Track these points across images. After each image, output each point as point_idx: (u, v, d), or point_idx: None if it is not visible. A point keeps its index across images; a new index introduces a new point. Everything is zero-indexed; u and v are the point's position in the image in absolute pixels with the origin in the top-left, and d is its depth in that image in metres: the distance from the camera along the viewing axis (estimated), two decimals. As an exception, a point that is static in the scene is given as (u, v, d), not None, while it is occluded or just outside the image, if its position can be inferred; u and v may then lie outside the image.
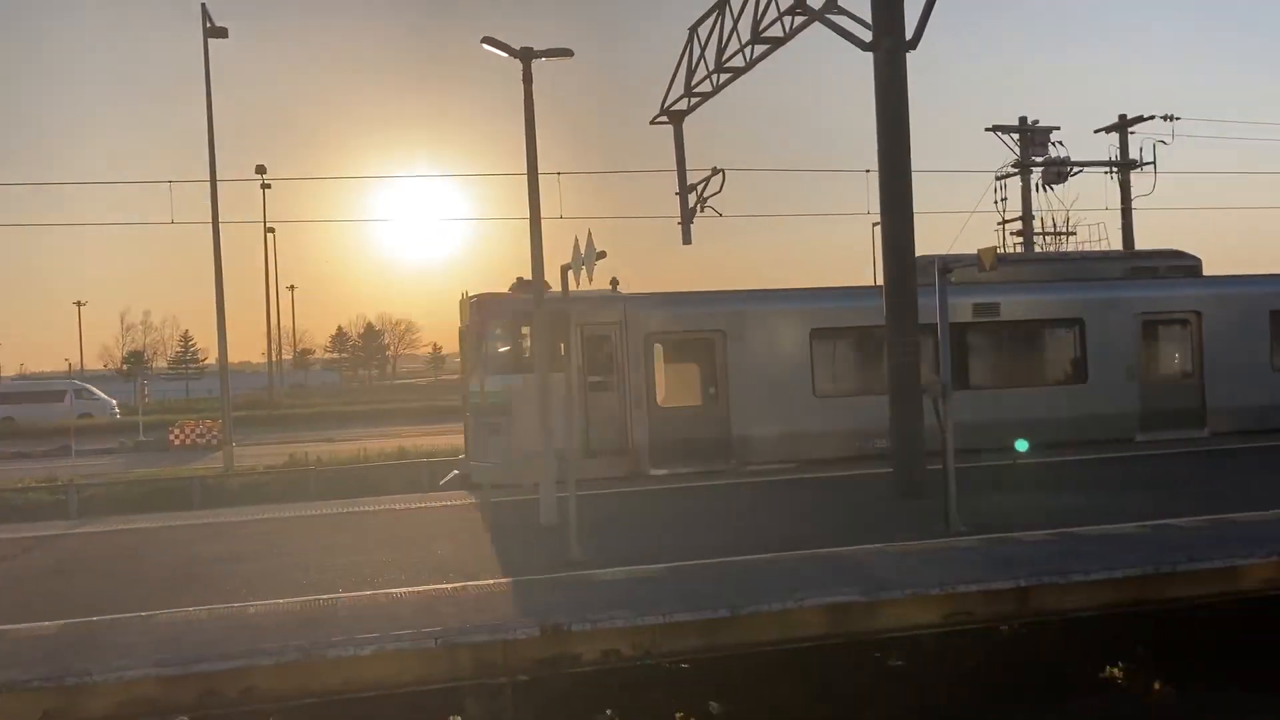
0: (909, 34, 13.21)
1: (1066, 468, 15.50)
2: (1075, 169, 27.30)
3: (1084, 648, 9.94)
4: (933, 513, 11.09)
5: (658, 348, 17.26)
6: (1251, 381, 19.05)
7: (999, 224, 28.08)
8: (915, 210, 13.34)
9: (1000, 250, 23.55)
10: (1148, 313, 19.03)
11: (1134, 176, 27.44)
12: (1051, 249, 28.62)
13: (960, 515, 10.82)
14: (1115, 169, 27.56)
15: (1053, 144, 27.35)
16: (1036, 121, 27.40)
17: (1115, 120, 27.77)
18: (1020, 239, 28.13)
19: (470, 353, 17.56)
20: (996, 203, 27.98)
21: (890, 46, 13.13)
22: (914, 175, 13.41)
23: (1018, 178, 27.82)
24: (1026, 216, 27.97)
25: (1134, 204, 27.51)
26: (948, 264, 11.80)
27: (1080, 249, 27.86)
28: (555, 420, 12.69)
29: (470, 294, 17.42)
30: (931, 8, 13.08)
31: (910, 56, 13.24)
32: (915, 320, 13.31)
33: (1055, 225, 28.55)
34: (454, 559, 10.50)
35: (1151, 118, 27.20)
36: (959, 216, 27.54)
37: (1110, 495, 12.69)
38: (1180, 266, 20.28)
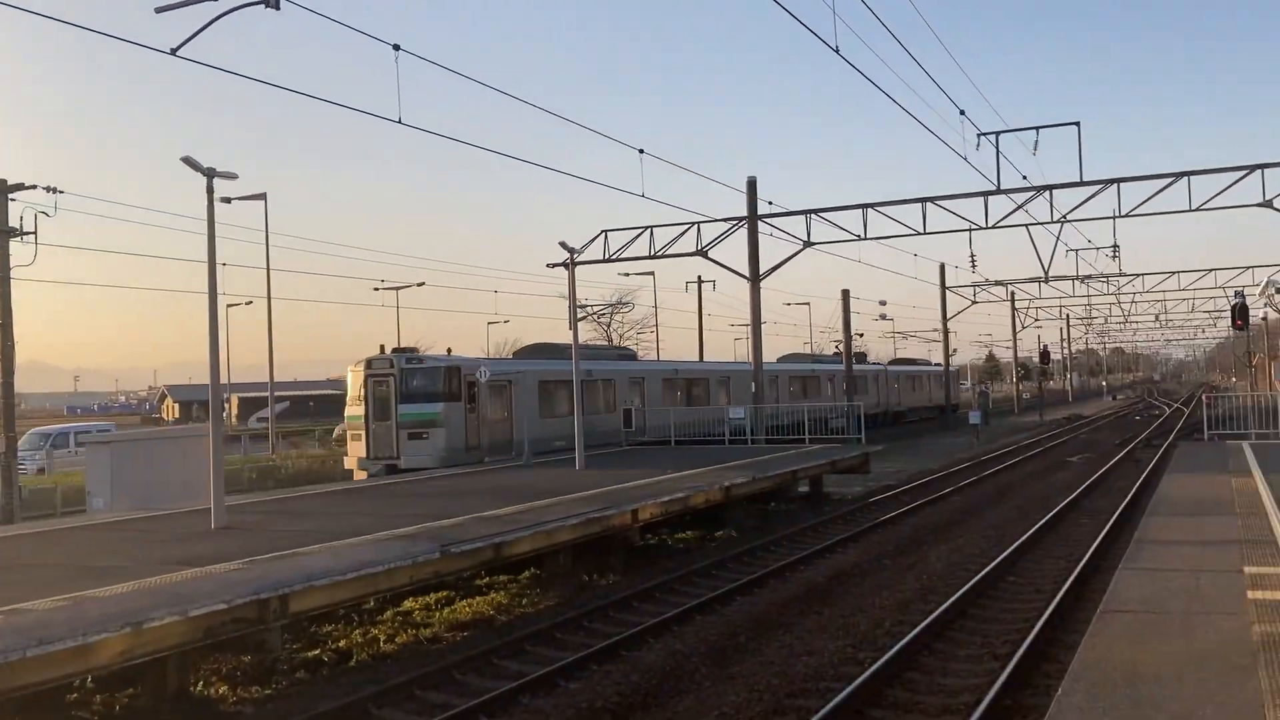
0: None
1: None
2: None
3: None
4: None
5: (491, 387, 28.02)
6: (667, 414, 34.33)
7: None
8: None
9: None
10: (631, 378, 35.47)
11: (16, 245, 26.36)
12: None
13: None
14: (-7, 234, 26.09)
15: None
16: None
17: (-5, 184, 26.41)
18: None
19: (387, 392, 27.16)
20: None
21: None
22: None
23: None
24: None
25: (15, 273, 26.40)
26: None
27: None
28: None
29: (394, 350, 29.68)
30: None
31: None
32: None
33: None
34: None
35: (34, 187, 26.51)
36: None
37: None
38: (629, 353, 43.70)
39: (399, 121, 17.19)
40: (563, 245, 24.94)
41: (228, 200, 33.51)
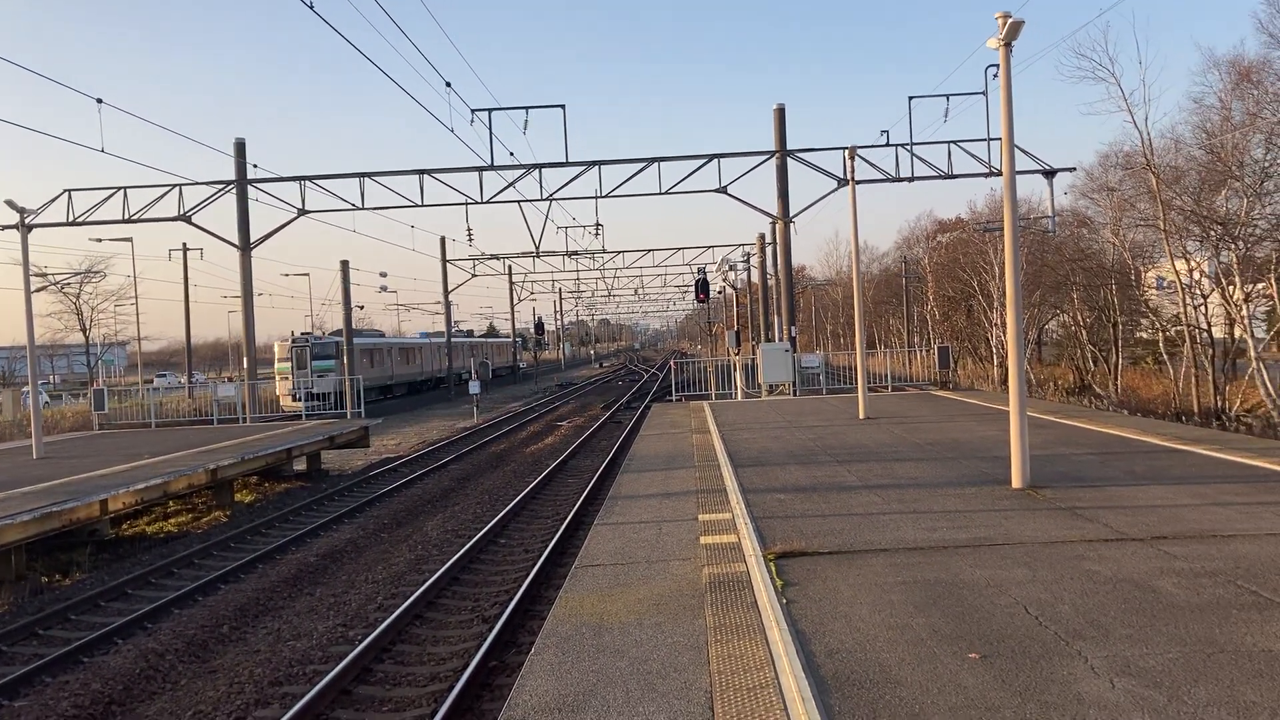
0: None
1: None
2: None
3: None
4: None
5: (351, 354, 44.81)
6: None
7: None
8: None
9: None
10: (397, 347, 60.69)
11: None
12: None
13: None
14: None
15: None
16: None
17: None
18: None
19: (302, 355, 48.57)
20: None
21: None
22: None
23: None
24: None
25: None
26: None
27: None
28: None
29: (302, 334, 52.61)
30: None
31: None
32: None
33: None
34: None
35: None
36: None
37: None
38: (379, 331, 75.47)
39: None
40: (10, 204, 21.88)
41: None
